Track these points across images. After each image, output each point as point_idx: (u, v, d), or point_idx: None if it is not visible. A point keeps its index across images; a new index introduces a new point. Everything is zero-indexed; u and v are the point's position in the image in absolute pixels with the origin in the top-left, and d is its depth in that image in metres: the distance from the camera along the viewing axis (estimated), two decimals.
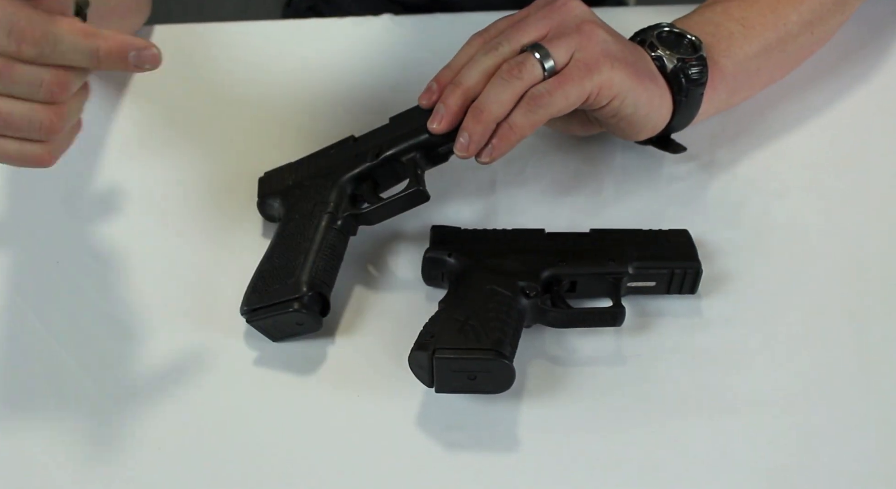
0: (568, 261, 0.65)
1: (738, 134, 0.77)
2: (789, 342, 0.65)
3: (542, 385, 0.63)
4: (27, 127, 0.52)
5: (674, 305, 0.67)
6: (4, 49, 0.50)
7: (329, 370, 0.64)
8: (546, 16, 0.64)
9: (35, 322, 0.67)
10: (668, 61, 0.66)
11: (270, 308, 0.63)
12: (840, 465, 0.59)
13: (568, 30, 0.63)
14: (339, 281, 0.65)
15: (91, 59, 0.51)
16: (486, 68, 0.63)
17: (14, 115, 0.52)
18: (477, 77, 0.63)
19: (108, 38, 0.51)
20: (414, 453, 0.60)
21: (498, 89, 0.62)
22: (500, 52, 0.63)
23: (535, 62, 0.62)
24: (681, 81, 0.66)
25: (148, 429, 0.61)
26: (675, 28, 0.69)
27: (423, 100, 0.66)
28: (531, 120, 0.62)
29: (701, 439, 0.60)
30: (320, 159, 0.69)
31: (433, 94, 0.65)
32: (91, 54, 0.51)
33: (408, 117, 0.67)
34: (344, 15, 0.90)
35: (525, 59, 0.62)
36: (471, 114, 0.62)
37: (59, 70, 0.52)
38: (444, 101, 0.63)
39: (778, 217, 0.72)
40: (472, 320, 0.60)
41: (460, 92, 0.63)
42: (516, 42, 0.63)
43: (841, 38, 0.79)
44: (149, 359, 0.65)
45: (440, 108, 0.63)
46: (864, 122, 0.79)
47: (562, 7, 0.65)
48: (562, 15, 0.64)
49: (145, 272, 0.70)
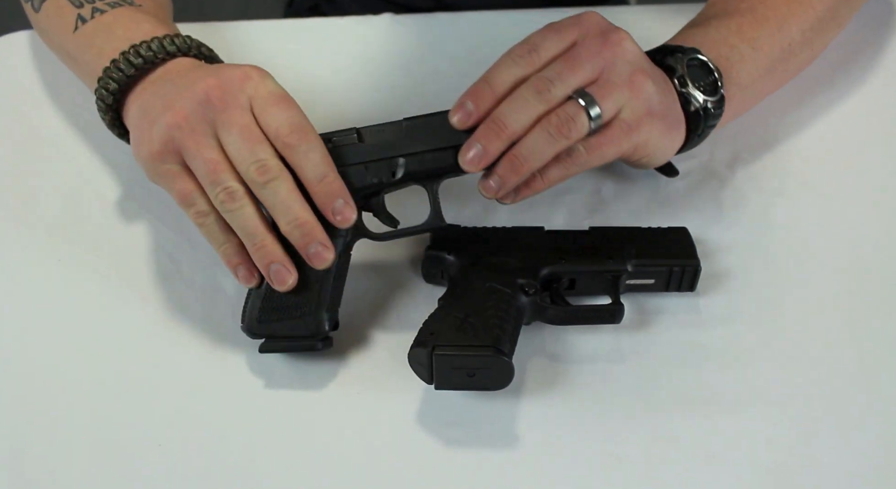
0: (567, 259, 0.65)
1: (737, 133, 0.77)
2: (788, 340, 0.65)
3: (541, 382, 0.63)
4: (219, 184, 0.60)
5: (673, 303, 0.67)
6: (278, 126, 0.60)
7: (329, 367, 0.64)
8: (599, 53, 0.61)
9: (36, 319, 0.68)
10: (694, 102, 0.66)
11: (288, 340, 0.63)
12: (838, 462, 0.59)
13: (620, 79, 0.61)
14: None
15: (316, 179, 0.60)
16: (535, 115, 0.60)
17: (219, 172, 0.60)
18: (525, 123, 0.60)
19: (336, 178, 0.60)
20: (413, 449, 0.60)
21: (543, 145, 0.60)
22: (552, 97, 0.60)
23: (585, 119, 0.60)
24: (700, 123, 0.67)
25: (148, 425, 0.62)
26: (700, 55, 0.67)
27: (456, 118, 0.61)
28: (564, 174, 0.62)
29: (699, 436, 0.60)
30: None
31: (469, 118, 0.61)
32: (319, 176, 0.60)
33: (429, 130, 0.62)
34: (345, 14, 0.91)
35: (576, 114, 0.60)
36: (509, 162, 0.60)
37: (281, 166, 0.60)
38: (486, 145, 0.60)
39: (777, 215, 0.72)
40: (471, 317, 0.60)
41: (505, 138, 0.60)
42: (568, 86, 0.60)
43: (841, 38, 0.79)
44: (149, 356, 0.65)
45: (478, 149, 0.60)
46: (863, 121, 0.79)
47: (616, 46, 0.62)
48: (615, 55, 0.61)
49: (147, 270, 0.70)
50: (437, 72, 0.85)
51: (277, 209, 0.59)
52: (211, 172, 0.60)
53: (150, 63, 0.65)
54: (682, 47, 0.67)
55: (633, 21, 0.72)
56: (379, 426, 0.61)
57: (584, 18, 0.63)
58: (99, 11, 0.70)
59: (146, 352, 0.65)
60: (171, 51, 0.65)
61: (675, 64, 0.66)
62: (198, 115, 0.60)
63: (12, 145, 0.80)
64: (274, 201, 0.59)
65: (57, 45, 0.76)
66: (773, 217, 0.72)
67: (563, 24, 0.63)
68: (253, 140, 0.59)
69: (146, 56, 0.65)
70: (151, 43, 0.65)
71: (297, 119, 0.60)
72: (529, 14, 0.90)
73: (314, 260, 0.60)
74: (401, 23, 0.89)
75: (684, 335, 0.65)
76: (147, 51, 0.65)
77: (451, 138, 0.62)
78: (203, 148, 0.60)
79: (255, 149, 0.59)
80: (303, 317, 0.62)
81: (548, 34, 0.62)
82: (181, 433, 0.61)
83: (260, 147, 0.59)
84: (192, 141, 0.60)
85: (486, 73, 0.62)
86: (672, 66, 0.66)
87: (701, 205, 0.73)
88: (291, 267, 0.61)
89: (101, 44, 0.68)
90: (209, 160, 0.60)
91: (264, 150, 0.59)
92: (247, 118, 0.60)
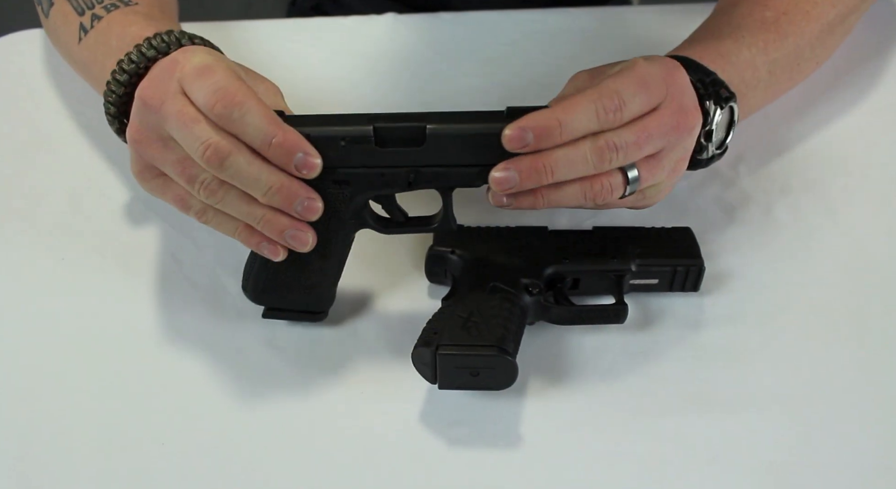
0: (571, 259, 0.65)
1: (740, 132, 0.76)
2: (791, 340, 0.65)
3: (545, 382, 0.63)
4: (194, 179, 0.58)
5: (676, 303, 0.67)
6: (204, 100, 0.56)
7: (333, 366, 0.64)
8: (670, 132, 0.59)
9: (39, 318, 0.67)
10: (706, 153, 0.66)
11: (291, 313, 0.65)
12: (841, 462, 0.59)
13: (670, 163, 0.61)
14: (344, 277, 0.65)
15: (264, 142, 0.56)
16: (584, 175, 0.58)
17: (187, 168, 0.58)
18: (570, 178, 0.58)
19: (286, 133, 0.56)
20: (417, 449, 0.60)
21: (571, 199, 0.59)
22: (608, 166, 0.58)
23: (621, 191, 0.60)
24: (698, 166, 0.67)
25: (150, 425, 0.61)
26: (734, 103, 0.65)
27: (509, 143, 0.56)
28: (567, 206, 0.62)
29: (703, 436, 0.60)
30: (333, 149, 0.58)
31: (523, 148, 0.56)
32: (266, 138, 0.56)
33: (456, 143, 0.58)
34: (348, 13, 0.91)
35: (617, 187, 0.59)
36: (535, 195, 0.58)
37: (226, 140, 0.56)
38: (523, 180, 0.57)
39: (780, 215, 0.72)
40: (475, 317, 0.60)
41: (545, 183, 0.57)
42: (628, 160, 0.58)
43: (846, 39, 0.79)
44: (152, 356, 0.65)
45: (514, 178, 0.57)
46: (867, 122, 0.79)
47: (685, 131, 0.60)
48: (681, 139, 0.61)
49: (150, 270, 0.70)
50: (441, 71, 0.85)
51: (246, 185, 0.57)
52: (181, 174, 0.58)
53: (135, 75, 0.63)
54: (724, 86, 0.65)
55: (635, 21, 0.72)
56: (382, 425, 0.61)
57: (675, 78, 0.61)
58: (97, 18, 0.69)
59: (149, 352, 0.65)
60: (151, 56, 0.63)
61: (711, 111, 0.64)
62: (144, 124, 0.59)
63: (16, 145, 0.80)
64: (238, 179, 0.57)
65: (67, 54, 0.76)
66: (777, 217, 0.72)
67: (654, 82, 0.59)
68: (188, 123, 0.56)
69: (129, 70, 0.63)
70: (132, 53, 0.63)
71: (220, 84, 0.56)
72: (533, 14, 0.90)
73: (306, 214, 0.58)
74: (404, 22, 0.89)
75: (688, 335, 0.65)
76: (129, 64, 0.63)
77: (480, 157, 0.58)
78: (163, 153, 0.59)
79: (194, 131, 0.56)
80: (307, 293, 0.64)
81: (638, 92, 0.58)
82: (184, 433, 0.61)
83: (198, 127, 0.56)
84: (152, 150, 0.59)
85: (564, 112, 0.56)
86: (708, 111, 0.64)
87: (705, 205, 0.73)
88: (304, 225, 0.59)
89: (102, 58, 0.68)
90: (174, 163, 0.58)
91: (202, 129, 0.56)
92: (178, 104, 0.57)
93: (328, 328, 0.66)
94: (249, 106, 0.56)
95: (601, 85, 0.58)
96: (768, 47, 0.70)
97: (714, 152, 0.66)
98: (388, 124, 0.58)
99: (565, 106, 0.57)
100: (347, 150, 0.58)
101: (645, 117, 0.58)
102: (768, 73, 0.70)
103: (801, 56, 0.73)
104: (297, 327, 0.66)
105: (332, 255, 0.63)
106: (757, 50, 0.69)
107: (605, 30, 0.88)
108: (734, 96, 0.65)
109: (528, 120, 0.56)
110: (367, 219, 0.62)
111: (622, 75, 0.58)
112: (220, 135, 0.56)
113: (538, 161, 0.57)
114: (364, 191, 0.60)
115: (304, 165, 0.57)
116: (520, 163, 0.57)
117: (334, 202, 0.60)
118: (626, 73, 0.58)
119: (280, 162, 0.57)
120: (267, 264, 0.63)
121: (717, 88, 0.64)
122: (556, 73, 0.84)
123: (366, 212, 0.62)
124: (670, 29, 0.74)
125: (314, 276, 0.63)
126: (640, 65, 0.59)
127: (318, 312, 0.66)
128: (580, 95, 0.57)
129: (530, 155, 0.57)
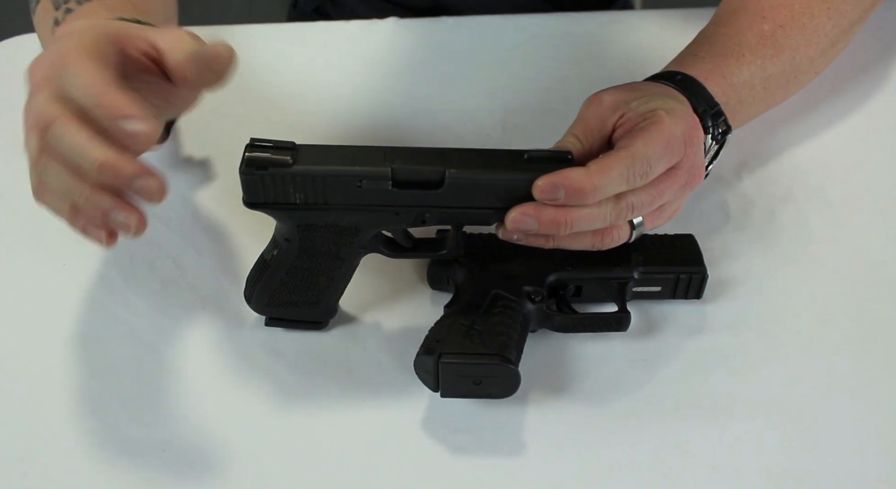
0: (573, 266, 0.65)
1: (743, 139, 0.77)
2: (795, 347, 0.65)
3: (548, 389, 0.63)
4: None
5: (679, 310, 0.67)
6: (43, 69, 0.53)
7: (334, 374, 0.64)
8: (680, 190, 0.62)
9: (40, 322, 0.67)
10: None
11: (293, 322, 0.66)
12: (845, 470, 0.59)
13: (672, 209, 0.63)
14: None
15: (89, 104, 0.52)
16: (601, 227, 0.60)
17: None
18: (587, 229, 0.60)
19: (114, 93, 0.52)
20: (419, 457, 0.60)
21: (578, 244, 0.61)
22: (621, 221, 0.60)
23: (626, 238, 0.62)
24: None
25: (151, 430, 0.61)
26: (730, 130, 0.67)
27: (540, 195, 0.57)
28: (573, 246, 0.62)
29: (706, 444, 0.60)
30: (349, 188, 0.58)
31: (553, 200, 0.57)
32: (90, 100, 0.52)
33: (475, 189, 0.58)
34: (349, 17, 0.91)
35: (623, 236, 0.62)
36: (546, 239, 0.60)
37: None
38: (540, 228, 0.58)
39: (784, 223, 0.72)
40: (477, 325, 0.60)
41: (562, 233, 0.58)
42: (639, 215, 0.60)
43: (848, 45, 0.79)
44: (153, 361, 0.65)
45: (531, 225, 0.58)
46: (870, 128, 0.79)
47: (691, 187, 0.63)
48: (686, 193, 0.63)
49: (151, 276, 0.70)
50: (442, 76, 0.84)
51: (71, 158, 0.51)
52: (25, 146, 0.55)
53: None
54: (724, 118, 0.66)
55: (637, 26, 0.72)
56: (384, 433, 0.61)
57: (693, 138, 0.61)
58: (69, 11, 0.68)
59: (150, 358, 0.65)
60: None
61: (707, 145, 0.65)
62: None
63: (18, 148, 0.79)
64: (62, 151, 0.52)
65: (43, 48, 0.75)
66: (780, 224, 0.72)
67: (676, 144, 0.59)
68: (33, 92, 0.53)
69: None
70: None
71: (61, 50, 0.53)
72: (535, 18, 0.90)
73: (145, 194, 0.52)
74: (406, 27, 0.89)
75: (691, 342, 0.65)
76: None
77: (498, 201, 0.58)
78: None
79: (31, 101, 0.53)
80: (310, 309, 0.64)
81: (664, 156, 0.59)
82: (184, 438, 0.61)
83: (37, 96, 0.53)
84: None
85: (600, 177, 0.56)
86: (707, 129, 0.65)
87: (708, 212, 0.73)
88: (130, 207, 0.53)
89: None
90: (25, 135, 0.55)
91: (39, 97, 0.53)
92: (38, 74, 0.55)
93: (330, 335, 0.66)
94: (75, 69, 0.52)
95: (631, 147, 0.58)
96: (765, 63, 0.70)
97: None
98: (406, 166, 0.57)
99: (601, 169, 0.57)
100: (363, 190, 0.58)
101: (661, 177, 0.60)
102: (763, 88, 0.71)
103: (797, 69, 0.73)
104: (299, 334, 0.66)
105: (339, 277, 0.63)
106: (756, 67, 0.70)
107: (608, 35, 0.88)
108: (730, 129, 0.67)
109: (563, 178, 0.56)
110: (377, 245, 0.62)
111: (651, 137, 0.58)
112: (53, 102, 0.52)
113: (561, 216, 0.57)
114: (377, 226, 0.60)
115: (135, 132, 0.51)
116: (542, 213, 0.57)
117: (346, 234, 0.60)
118: (654, 134, 0.59)
119: (107, 126, 0.51)
120: (272, 282, 0.63)
121: (717, 121, 0.66)
122: (558, 77, 0.84)
123: (376, 239, 0.62)
124: (672, 34, 0.74)
125: (319, 294, 0.63)
126: (665, 123, 0.59)
127: (320, 322, 0.66)
128: (615, 159, 0.57)
129: (554, 207, 0.57)
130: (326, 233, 0.60)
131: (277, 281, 0.63)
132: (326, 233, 0.60)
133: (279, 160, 0.56)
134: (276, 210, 0.59)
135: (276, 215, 0.60)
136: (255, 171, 0.56)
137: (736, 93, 0.69)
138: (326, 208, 0.58)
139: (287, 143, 0.58)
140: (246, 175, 0.57)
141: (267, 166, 0.56)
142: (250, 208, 0.59)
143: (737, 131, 0.74)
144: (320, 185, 0.57)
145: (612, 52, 0.86)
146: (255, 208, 0.59)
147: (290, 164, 0.56)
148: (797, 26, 0.72)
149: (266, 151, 0.57)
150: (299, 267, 0.62)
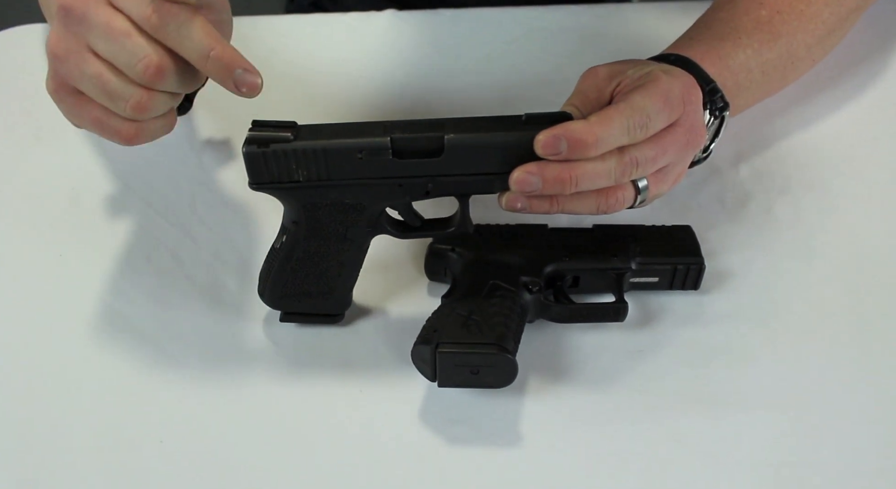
0: (571, 257, 0.65)
1: (740, 130, 0.77)
2: (791, 338, 0.65)
3: (545, 380, 0.63)
4: (118, 96, 0.55)
5: (676, 301, 0.67)
6: (138, 11, 0.53)
7: (332, 364, 0.64)
8: (683, 148, 0.61)
9: (37, 314, 0.67)
10: (697, 154, 0.67)
11: (309, 316, 0.66)
12: (843, 461, 0.59)
13: (676, 173, 0.63)
14: None
15: (201, 56, 0.54)
16: (606, 186, 0.59)
17: (110, 83, 0.55)
18: (592, 188, 0.59)
19: (225, 48, 0.55)
20: (416, 447, 0.60)
21: (583, 207, 0.60)
22: (627, 180, 0.59)
23: (630, 202, 0.61)
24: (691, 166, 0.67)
25: (149, 422, 0.61)
26: (728, 111, 0.67)
27: (543, 150, 0.56)
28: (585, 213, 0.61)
29: (703, 435, 0.60)
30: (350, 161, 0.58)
31: (556, 156, 0.56)
32: (203, 51, 0.54)
33: (475, 152, 0.58)
34: (346, 9, 0.90)
35: (628, 199, 0.60)
36: (551, 202, 0.59)
37: (164, 54, 0.54)
38: (544, 186, 0.57)
39: (781, 214, 0.72)
40: (475, 315, 0.60)
41: (567, 191, 0.57)
42: (644, 173, 0.59)
43: (846, 36, 0.79)
44: (150, 353, 0.65)
45: (535, 184, 0.57)
46: (867, 120, 0.79)
47: (695, 147, 0.62)
48: (688, 153, 0.63)
49: (149, 266, 0.70)
50: (440, 68, 0.84)
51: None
52: (101, 90, 0.55)
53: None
54: (721, 95, 0.66)
55: (635, 18, 0.72)
56: (381, 423, 0.61)
57: (691, 96, 0.61)
58: None
59: (147, 349, 0.65)
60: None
61: (707, 121, 0.66)
62: (66, 35, 0.55)
63: (15, 140, 0.80)
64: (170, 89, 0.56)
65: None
66: (778, 215, 0.72)
67: (675, 99, 0.59)
68: (119, 36, 0.54)
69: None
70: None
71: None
72: (532, 11, 0.90)
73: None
74: (403, 19, 0.89)
75: (688, 333, 0.65)
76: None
77: (500, 165, 0.58)
78: (81, 68, 0.55)
79: (125, 44, 0.54)
80: (324, 300, 0.64)
81: (662, 109, 0.58)
82: (183, 430, 0.61)
83: (129, 41, 0.54)
84: (71, 65, 0.55)
85: (600, 127, 0.56)
86: (705, 105, 0.65)
87: (705, 203, 0.73)
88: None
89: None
90: (92, 76, 0.55)
91: (134, 42, 0.54)
92: (106, 14, 0.54)
93: (327, 326, 0.66)
94: (187, 18, 0.54)
95: (630, 100, 0.58)
96: (762, 48, 0.70)
97: (700, 156, 0.68)
98: (405, 135, 0.57)
99: (601, 120, 0.56)
100: (365, 162, 0.58)
101: (662, 133, 0.59)
102: (761, 73, 0.71)
103: (794, 56, 0.73)
104: (295, 325, 0.66)
105: (349, 261, 0.63)
106: (752, 51, 0.70)
107: (605, 27, 0.88)
108: (728, 106, 0.67)
109: (565, 130, 0.56)
110: (384, 225, 0.62)
111: (648, 91, 0.58)
112: (155, 48, 0.54)
113: (566, 172, 0.56)
114: (381, 200, 0.60)
115: (244, 83, 0.55)
116: (546, 170, 0.57)
117: (352, 212, 0.60)
118: (651, 89, 0.58)
119: (218, 77, 0.55)
120: (283, 271, 0.63)
121: (714, 97, 0.66)
122: (556, 69, 0.84)
123: (382, 218, 0.62)
124: (670, 26, 0.74)
125: (332, 282, 0.63)
126: (662, 80, 0.59)
127: (336, 315, 0.66)
128: (614, 110, 0.57)
129: (558, 163, 0.56)
130: (332, 211, 0.60)
131: (289, 269, 0.63)
132: (332, 211, 0.60)
133: (281, 137, 0.57)
134: (281, 190, 0.59)
135: (282, 196, 0.60)
136: (258, 148, 0.57)
137: (733, 76, 0.69)
138: (330, 184, 0.59)
139: (288, 123, 0.58)
140: (249, 153, 0.57)
141: (269, 143, 0.57)
142: (255, 189, 0.59)
143: (735, 122, 0.74)
144: (322, 160, 0.58)
145: (609, 45, 0.86)
146: (260, 189, 0.59)
147: (291, 141, 0.57)
148: (795, 12, 0.72)
149: (268, 129, 0.58)
150: (309, 251, 0.62)
